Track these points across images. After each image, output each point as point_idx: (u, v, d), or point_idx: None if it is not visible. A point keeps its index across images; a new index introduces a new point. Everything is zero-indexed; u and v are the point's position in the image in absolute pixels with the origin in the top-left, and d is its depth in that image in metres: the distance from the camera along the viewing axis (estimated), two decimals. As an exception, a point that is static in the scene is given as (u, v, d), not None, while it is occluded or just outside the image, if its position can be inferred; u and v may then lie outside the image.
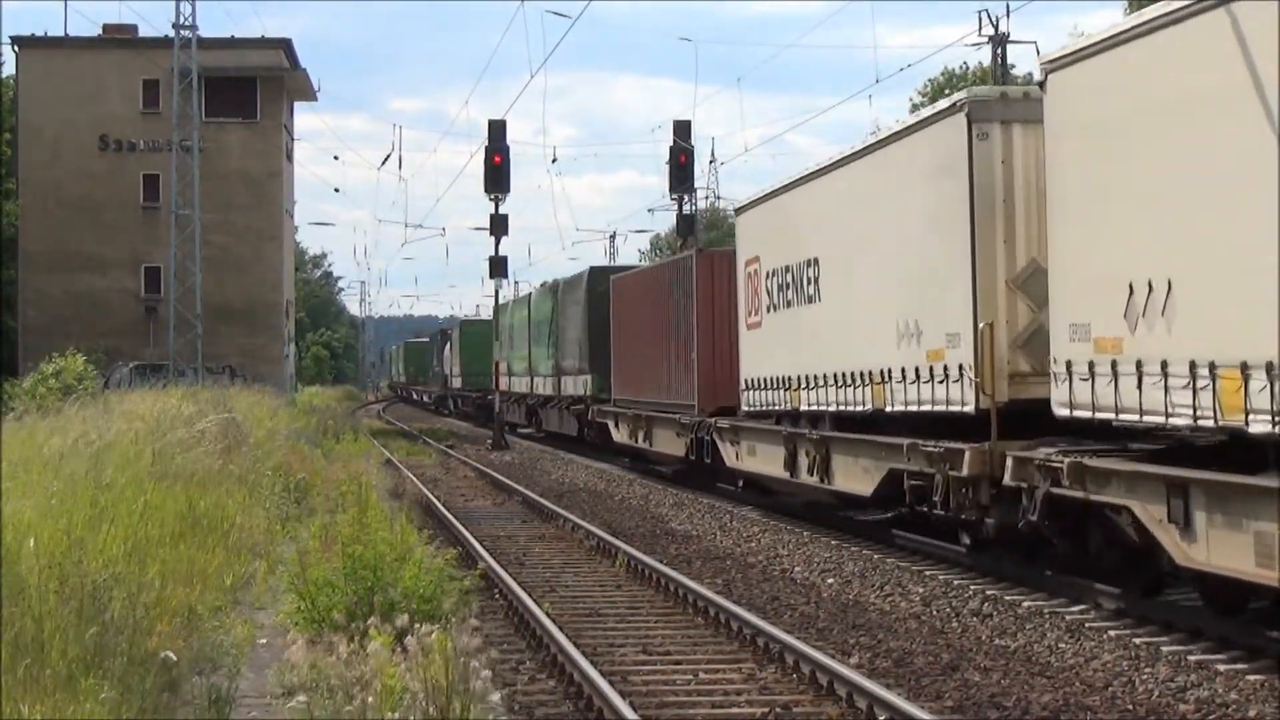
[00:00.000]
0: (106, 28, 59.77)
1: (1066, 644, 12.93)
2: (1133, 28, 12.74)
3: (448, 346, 74.84)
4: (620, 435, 35.03)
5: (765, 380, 23.48)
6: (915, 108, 75.34)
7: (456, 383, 60.03)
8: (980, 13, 48.78)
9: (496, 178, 45.96)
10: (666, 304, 30.82)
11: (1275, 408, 10.83)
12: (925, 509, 16.96)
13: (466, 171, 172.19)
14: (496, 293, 51.87)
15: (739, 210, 26.18)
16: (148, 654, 9.15)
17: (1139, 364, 12.53)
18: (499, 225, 47.40)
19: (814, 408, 21.09)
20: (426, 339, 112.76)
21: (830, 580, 16.91)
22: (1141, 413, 12.61)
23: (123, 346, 54.11)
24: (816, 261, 21.00)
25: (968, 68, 71.61)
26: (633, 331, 34.23)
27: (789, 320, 22.32)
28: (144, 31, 59.06)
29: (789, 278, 22.28)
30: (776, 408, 22.94)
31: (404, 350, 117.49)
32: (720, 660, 12.48)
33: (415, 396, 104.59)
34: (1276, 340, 10.76)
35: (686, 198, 47.22)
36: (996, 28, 49.48)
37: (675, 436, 29.77)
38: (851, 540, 20.30)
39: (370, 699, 8.31)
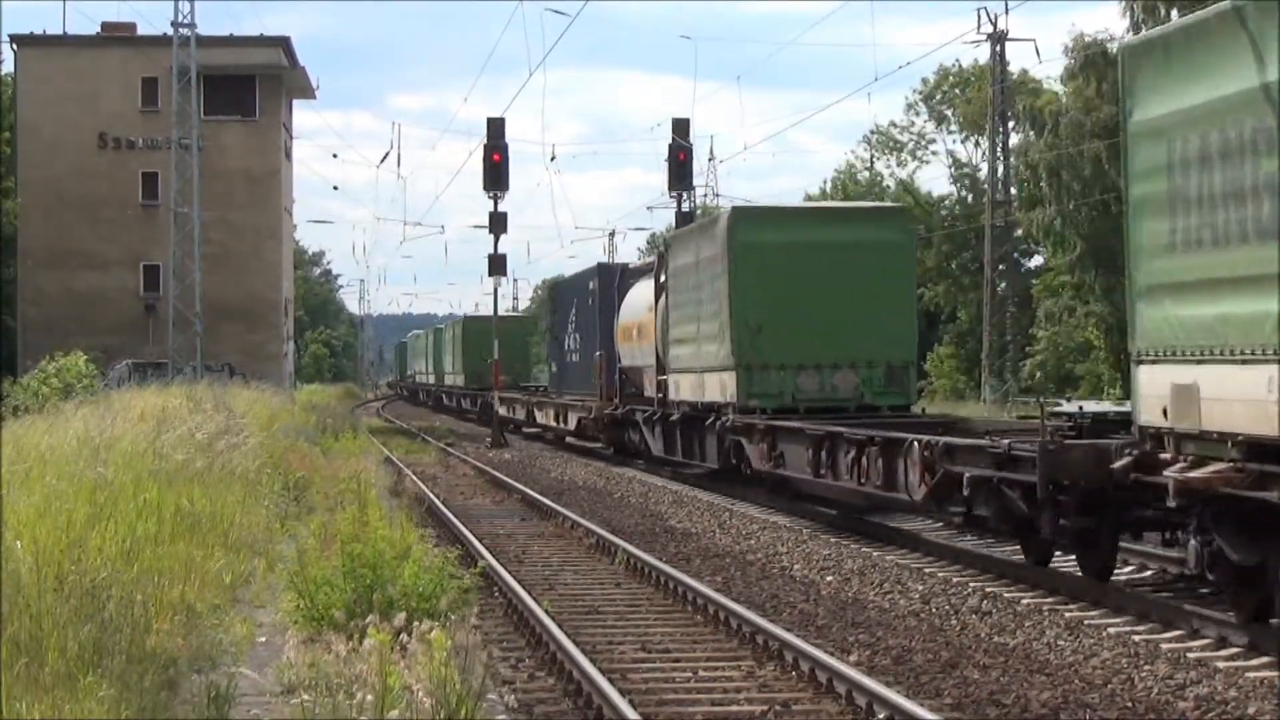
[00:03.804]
0: (105, 26, 59.73)
1: (1065, 641, 12.93)
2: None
3: (628, 304, 34.79)
4: None
5: None
6: (910, 106, 75.40)
7: (678, 390, 28.53)
8: (979, 10, 48.83)
9: (495, 176, 45.94)
10: None
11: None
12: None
13: (466, 169, 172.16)
14: (495, 291, 51.64)
15: None
16: (147, 652, 9.15)
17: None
18: (498, 223, 47.34)
19: None
20: (516, 313, 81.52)
21: (829, 578, 16.91)
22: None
23: (122, 344, 54.07)
24: None
25: (959, 65, 71.71)
26: None
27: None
28: (143, 30, 59.06)
29: None
30: None
31: (458, 335, 70.20)
32: (720, 658, 12.48)
33: (507, 412, 51.60)
34: None
35: (686, 195, 47.24)
36: (995, 25, 49.54)
37: None
38: (851, 538, 20.31)
39: (370, 697, 8.31)
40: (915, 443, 17.59)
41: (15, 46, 57.99)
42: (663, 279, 30.27)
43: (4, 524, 10.90)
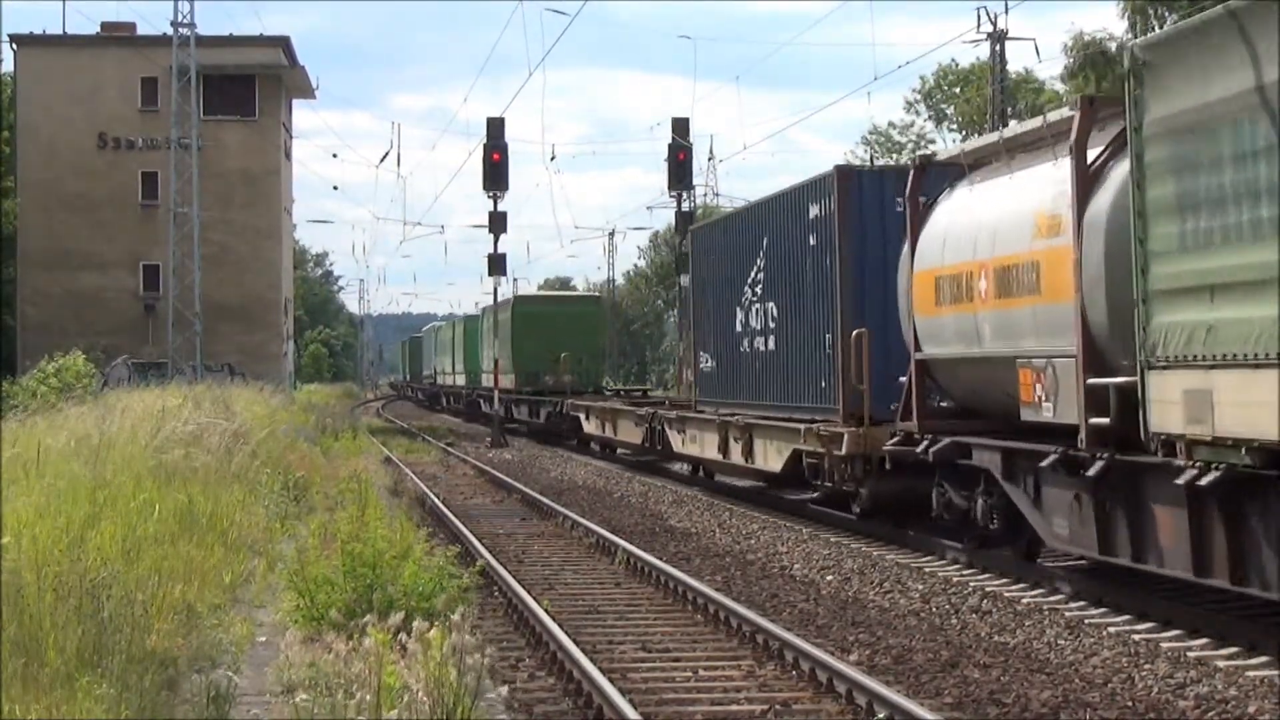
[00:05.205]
0: (105, 26, 59.75)
1: (1066, 640, 12.92)
2: None
3: (941, 232, 16.94)
4: None
5: None
6: (910, 105, 75.45)
7: (1201, 411, 11.36)
8: (979, 10, 48.80)
9: (495, 175, 45.98)
10: None
11: None
12: None
13: (466, 169, 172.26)
14: (495, 291, 51.49)
15: None
16: (146, 652, 9.14)
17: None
18: (498, 223, 47.37)
19: None
20: (588, 291, 68.84)
21: (829, 577, 16.90)
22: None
23: (122, 345, 54.05)
24: None
25: (955, 64, 71.78)
26: None
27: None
28: (142, 30, 59.13)
29: None
30: None
31: (505, 323, 52.54)
32: (720, 657, 12.47)
33: (597, 429, 38.96)
34: None
35: (685, 195, 47.24)
36: (995, 25, 49.52)
37: None
38: (850, 537, 20.30)
39: (369, 696, 8.29)
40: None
41: (15, 46, 57.99)
42: (1100, 157, 13.84)
43: (3, 524, 10.88)
